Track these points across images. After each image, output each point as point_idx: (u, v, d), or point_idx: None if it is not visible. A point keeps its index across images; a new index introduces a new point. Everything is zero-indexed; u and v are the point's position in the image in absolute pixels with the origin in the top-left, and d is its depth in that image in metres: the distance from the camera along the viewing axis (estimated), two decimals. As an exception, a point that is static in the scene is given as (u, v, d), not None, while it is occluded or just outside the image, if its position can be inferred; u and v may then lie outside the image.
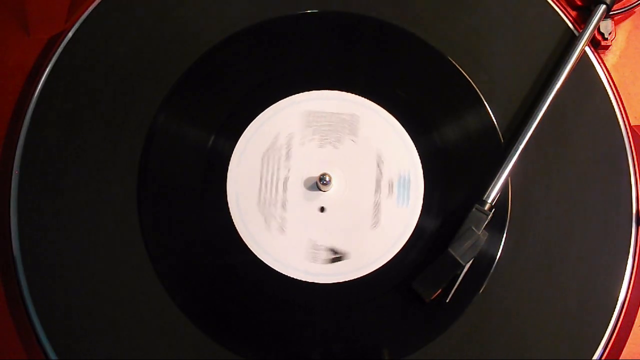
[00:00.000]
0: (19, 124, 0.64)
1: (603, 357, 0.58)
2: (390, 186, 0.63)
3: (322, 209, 0.62)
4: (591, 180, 0.62)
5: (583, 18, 0.68)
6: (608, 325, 0.58)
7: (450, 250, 0.57)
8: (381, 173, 0.63)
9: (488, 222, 0.59)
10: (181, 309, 0.59)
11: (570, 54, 0.64)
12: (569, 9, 0.69)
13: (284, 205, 0.62)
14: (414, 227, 0.61)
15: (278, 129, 0.64)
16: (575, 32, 0.67)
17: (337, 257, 0.61)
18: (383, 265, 0.60)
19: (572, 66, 0.63)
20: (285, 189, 0.63)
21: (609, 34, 0.67)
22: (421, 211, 0.62)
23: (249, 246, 0.61)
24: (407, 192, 0.62)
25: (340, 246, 0.61)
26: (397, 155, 0.63)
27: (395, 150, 0.64)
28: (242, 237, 0.61)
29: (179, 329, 0.59)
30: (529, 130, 0.61)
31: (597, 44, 0.67)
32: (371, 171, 0.63)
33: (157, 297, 0.60)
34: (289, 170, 0.63)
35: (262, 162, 0.63)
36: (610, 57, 0.68)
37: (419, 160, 0.63)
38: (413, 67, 0.66)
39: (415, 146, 0.64)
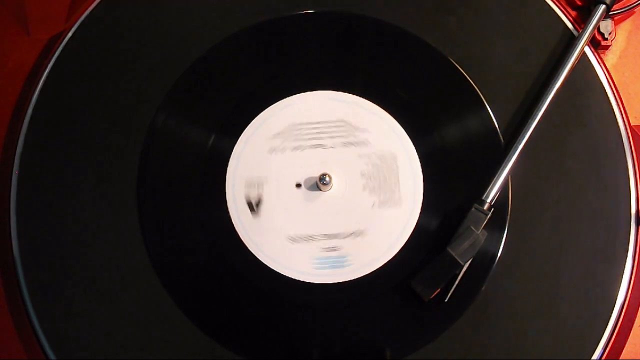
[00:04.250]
0: (19, 124, 0.64)
1: (603, 357, 0.58)
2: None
3: (298, 185, 0.62)
4: (591, 180, 0.62)
5: (583, 18, 0.68)
6: (608, 325, 0.58)
7: (449, 249, 0.57)
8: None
9: (487, 222, 0.59)
10: (181, 308, 0.59)
11: (570, 54, 0.64)
12: (568, 9, 0.69)
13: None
14: (413, 226, 0.61)
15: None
16: (575, 32, 0.67)
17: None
18: (382, 265, 0.60)
19: (572, 66, 0.63)
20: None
21: (609, 34, 0.67)
22: (421, 211, 0.62)
23: (247, 246, 0.61)
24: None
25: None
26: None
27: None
28: (241, 237, 0.61)
29: (179, 328, 0.59)
30: (529, 130, 0.61)
31: (597, 44, 0.67)
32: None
33: (157, 297, 0.60)
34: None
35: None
36: (610, 57, 0.68)
37: (417, 161, 0.63)
38: (413, 67, 0.66)
39: (415, 146, 0.64)
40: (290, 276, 0.60)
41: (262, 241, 0.61)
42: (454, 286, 0.58)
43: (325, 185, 0.61)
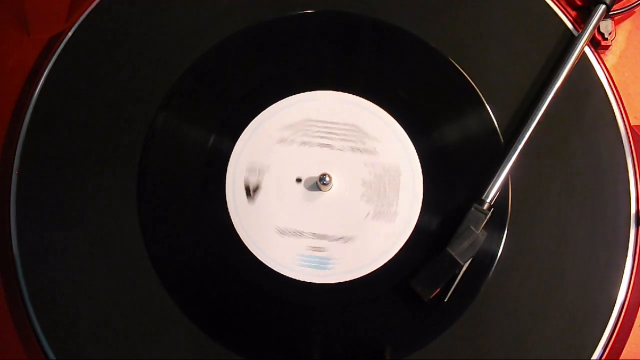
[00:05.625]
0: (19, 124, 0.64)
1: (603, 357, 0.58)
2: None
3: (298, 180, 0.63)
4: (591, 180, 0.62)
5: (583, 18, 0.68)
6: (608, 325, 0.58)
7: (448, 249, 0.57)
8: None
9: (487, 222, 0.59)
10: (181, 308, 0.59)
11: (570, 54, 0.64)
12: (569, 9, 0.69)
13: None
14: (413, 226, 0.61)
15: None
16: (575, 32, 0.67)
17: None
18: (382, 265, 0.60)
19: (572, 66, 0.63)
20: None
21: (609, 34, 0.67)
22: (421, 211, 0.62)
23: (247, 246, 0.61)
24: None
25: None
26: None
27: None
28: (241, 237, 0.61)
29: (179, 328, 0.59)
30: (529, 130, 0.61)
31: (597, 44, 0.67)
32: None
33: (157, 297, 0.60)
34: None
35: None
36: (610, 57, 0.68)
37: (417, 161, 0.63)
38: (413, 67, 0.66)
39: (415, 146, 0.64)
40: (291, 276, 0.60)
41: (256, 234, 0.61)
42: (454, 286, 0.58)
43: (325, 185, 0.61)
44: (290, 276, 0.60)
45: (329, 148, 0.64)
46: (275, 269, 0.60)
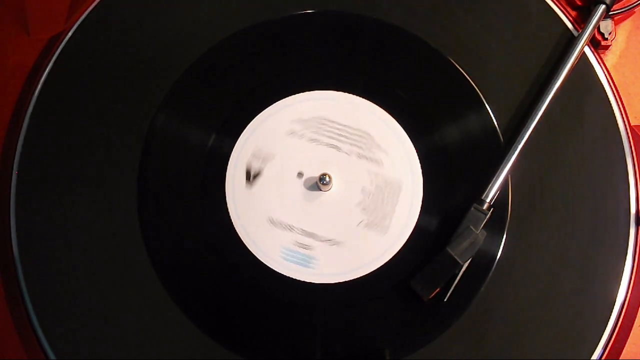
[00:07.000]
0: (19, 124, 0.64)
1: (603, 357, 0.58)
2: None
3: (299, 174, 0.63)
4: (591, 180, 0.62)
5: (583, 18, 0.68)
6: (608, 325, 0.58)
7: (448, 249, 0.57)
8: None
9: (487, 222, 0.59)
10: (181, 308, 0.59)
11: (570, 54, 0.64)
12: (568, 9, 0.69)
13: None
14: (413, 226, 0.61)
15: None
16: (575, 32, 0.67)
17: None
18: (382, 265, 0.60)
19: (572, 66, 0.63)
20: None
21: (609, 34, 0.67)
22: (421, 211, 0.62)
23: (247, 246, 0.61)
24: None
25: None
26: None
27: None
28: (241, 237, 0.61)
29: (179, 329, 0.59)
30: (529, 130, 0.61)
31: (597, 44, 0.67)
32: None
33: (157, 297, 0.60)
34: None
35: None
36: (610, 57, 0.68)
37: (417, 161, 0.63)
38: (413, 67, 0.66)
39: (415, 146, 0.64)
40: (290, 276, 0.60)
41: (252, 227, 0.61)
42: (453, 286, 0.58)
43: (325, 185, 0.61)
44: (291, 276, 0.60)
45: (336, 149, 0.64)
46: (276, 269, 0.60)
